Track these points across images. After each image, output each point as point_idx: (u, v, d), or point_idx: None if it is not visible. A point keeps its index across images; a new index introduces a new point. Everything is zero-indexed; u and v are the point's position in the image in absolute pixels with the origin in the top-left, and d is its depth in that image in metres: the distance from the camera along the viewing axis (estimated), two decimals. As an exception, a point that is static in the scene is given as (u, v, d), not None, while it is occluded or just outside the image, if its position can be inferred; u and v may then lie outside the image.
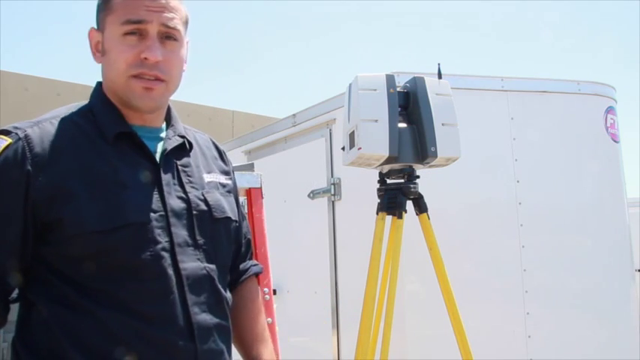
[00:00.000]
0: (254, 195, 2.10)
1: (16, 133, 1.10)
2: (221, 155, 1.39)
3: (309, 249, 3.54)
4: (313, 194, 3.47)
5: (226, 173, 1.35)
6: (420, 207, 2.50)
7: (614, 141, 3.36)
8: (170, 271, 1.12)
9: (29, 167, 1.06)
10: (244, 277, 1.41)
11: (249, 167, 2.42)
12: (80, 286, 1.08)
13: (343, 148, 2.55)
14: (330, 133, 3.41)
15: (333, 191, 3.32)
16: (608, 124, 3.34)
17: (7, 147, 1.08)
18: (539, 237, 3.06)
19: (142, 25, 1.14)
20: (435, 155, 2.37)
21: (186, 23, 1.23)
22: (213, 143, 1.40)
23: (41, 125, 1.13)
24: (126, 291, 1.09)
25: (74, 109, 1.19)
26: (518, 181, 3.08)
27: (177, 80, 1.22)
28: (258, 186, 2.13)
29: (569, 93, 3.29)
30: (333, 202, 3.34)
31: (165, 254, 1.12)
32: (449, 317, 2.42)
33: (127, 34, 1.14)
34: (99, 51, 1.21)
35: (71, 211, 1.06)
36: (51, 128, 1.12)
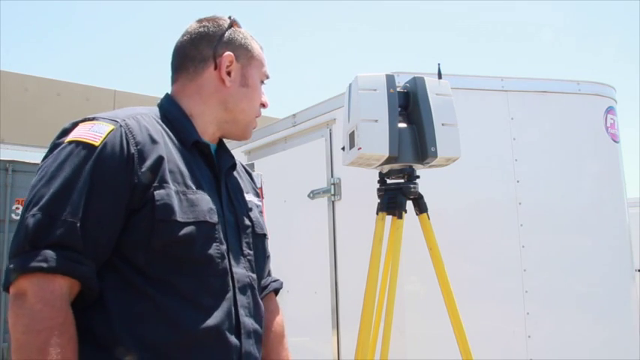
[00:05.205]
0: (254, 195, 2.11)
1: (116, 120, 1.17)
2: (251, 178, 1.53)
3: (309, 249, 3.54)
4: (313, 194, 3.47)
5: (257, 195, 1.49)
6: (420, 207, 2.50)
7: (614, 141, 3.36)
8: (229, 271, 1.23)
9: (134, 151, 1.14)
10: (265, 292, 1.48)
11: (249, 167, 2.42)
12: (145, 274, 1.13)
13: (343, 148, 2.55)
14: (330, 133, 3.41)
15: (333, 191, 3.32)
16: (608, 124, 3.34)
17: (111, 131, 1.14)
18: (539, 237, 3.06)
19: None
20: (435, 155, 2.37)
21: None
22: (243, 166, 1.53)
23: (136, 117, 1.21)
24: (188, 282, 1.16)
25: (151, 112, 1.28)
26: (518, 181, 3.08)
27: None
28: (259, 186, 2.13)
29: (569, 93, 3.29)
30: (333, 202, 3.34)
31: (226, 255, 1.23)
32: (449, 317, 2.41)
33: (262, 82, 1.39)
34: (237, 80, 1.35)
35: (163, 197, 1.14)
36: (144, 122, 1.21)
